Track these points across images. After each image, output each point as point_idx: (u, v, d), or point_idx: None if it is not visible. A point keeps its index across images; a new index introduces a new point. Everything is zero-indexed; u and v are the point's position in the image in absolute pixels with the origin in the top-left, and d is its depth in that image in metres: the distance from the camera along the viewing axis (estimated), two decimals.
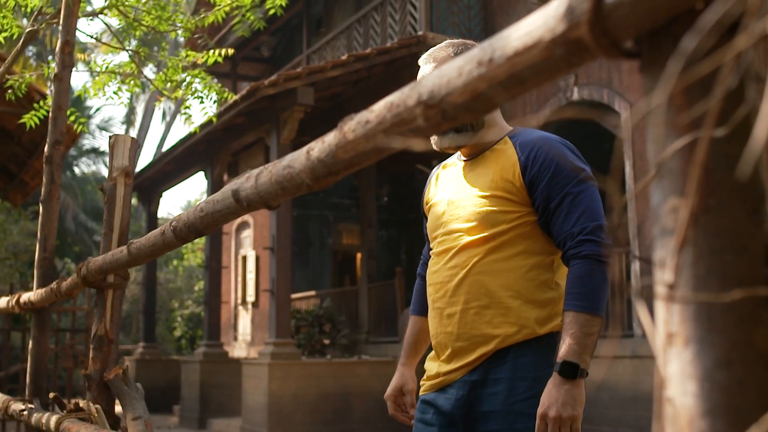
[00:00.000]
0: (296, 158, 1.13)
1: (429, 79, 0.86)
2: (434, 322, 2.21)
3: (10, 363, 10.77)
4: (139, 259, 1.96)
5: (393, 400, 2.34)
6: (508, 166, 2.12)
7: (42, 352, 3.49)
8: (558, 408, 1.85)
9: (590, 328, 1.91)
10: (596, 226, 2.01)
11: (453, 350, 2.14)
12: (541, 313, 2.07)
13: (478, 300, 2.09)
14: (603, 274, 1.98)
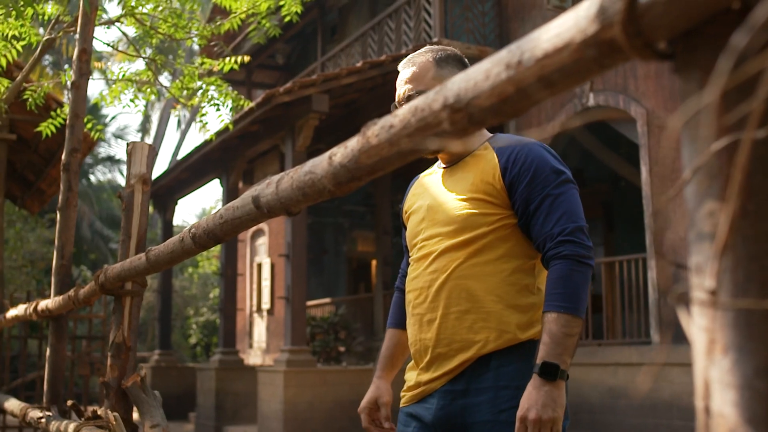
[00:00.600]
0: (318, 164, 1.12)
1: (455, 82, 0.84)
2: (413, 329, 2.17)
3: (27, 370, 10.80)
4: (157, 266, 1.95)
5: (367, 413, 2.29)
6: (488, 169, 2.09)
7: (59, 360, 3.50)
8: (538, 410, 1.81)
9: (570, 329, 1.87)
10: (576, 228, 1.98)
11: (432, 357, 2.10)
12: (522, 318, 2.03)
13: (459, 305, 2.06)
14: (584, 275, 1.95)
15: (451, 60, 2.20)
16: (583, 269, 1.95)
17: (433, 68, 2.16)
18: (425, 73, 2.16)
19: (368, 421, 2.28)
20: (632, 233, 10.93)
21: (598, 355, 8.99)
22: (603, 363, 8.89)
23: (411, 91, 2.15)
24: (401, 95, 2.18)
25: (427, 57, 2.18)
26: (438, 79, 2.14)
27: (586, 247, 1.97)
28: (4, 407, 4.77)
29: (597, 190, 12.20)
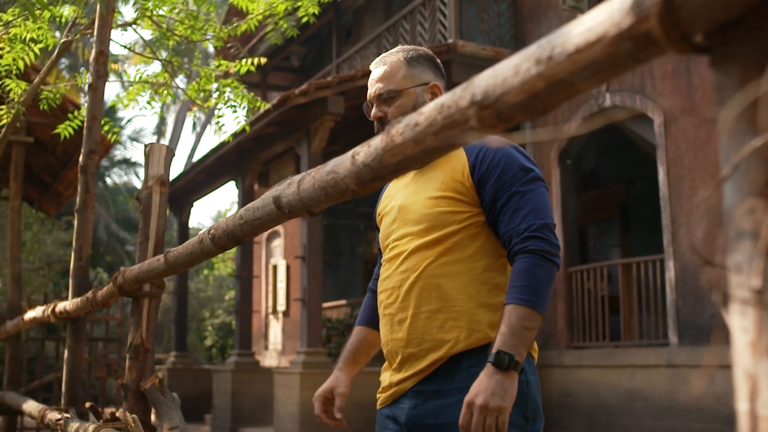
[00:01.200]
0: (340, 163, 1.11)
1: (482, 78, 0.83)
2: (385, 329, 2.17)
3: (44, 372, 10.85)
4: (176, 268, 1.95)
5: (321, 402, 2.27)
6: (457, 168, 2.09)
7: (77, 362, 3.50)
8: (486, 396, 1.77)
9: (530, 323, 1.85)
10: (543, 224, 1.97)
11: (403, 357, 2.10)
12: (494, 317, 2.01)
13: (430, 304, 2.05)
14: (548, 271, 1.92)
15: (422, 59, 2.21)
16: (548, 265, 1.93)
17: (404, 67, 2.18)
18: (396, 72, 2.17)
19: (321, 409, 2.26)
20: (649, 234, 10.86)
21: (615, 357, 8.94)
22: (620, 365, 8.84)
23: (381, 90, 2.16)
24: (371, 94, 2.19)
25: (398, 56, 2.20)
26: (408, 78, 2.16)
27: (552, 244, 1.95)
28: (23, 409, 4.78)
29: (613, 191, 12.14)
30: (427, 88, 2.18)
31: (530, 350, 2.08)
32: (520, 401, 1.95)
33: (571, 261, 9.92)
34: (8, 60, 4.10)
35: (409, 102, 2.15)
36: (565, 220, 9.93)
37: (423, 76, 2.18)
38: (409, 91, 2.16)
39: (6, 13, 4.02)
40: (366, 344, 2.36)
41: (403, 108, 2.14)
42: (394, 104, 2.15)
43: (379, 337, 2.29)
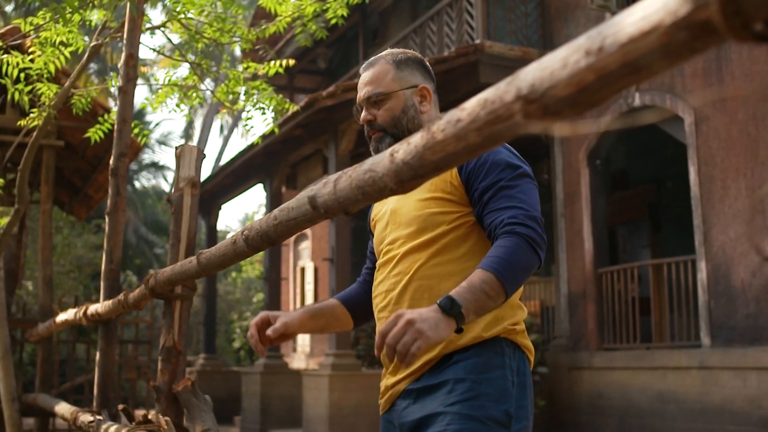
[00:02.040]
0: (378, 162, 1.08)
1: (528, 72, 0.80)
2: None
3: (75, 374, 10.92)
4: (208, 270, 1.94)
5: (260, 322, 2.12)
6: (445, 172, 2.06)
7: (109, 364, 3.51)
8: (417, 317, 1.68)
9: (491, 290, 1.76)
10: (530, 216, 1.92)
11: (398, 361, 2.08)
12: (488, 317, 1.99)
13: (422, 306, 1.99)
14: (529, 258, 1.85)
15: (411, 62, 2.21)
16: (530, 253, 1.86)
17: (393, 70, 2.17)
18: (384, 75, 2.16)
19: (254, 329, 2.12)
20: (679, 235, 10.75)
21: (646, 359, 8.85)
22: (651, 367, 8.75)
23: (370, 92, 2.16)
24: (361, 98, 2.19)
25: (387, 59, 2.20)
26: (397, 81, 2.16)
27: (539, 235, 1.90)
28: (55, 410, 4.81)
29: (642, 192, 12.03)
30: (416, 90, 2.17)
31: (526, 351, 2.08)
32: (502, 397, 1.94)
33: (601, 262, 9.84)
34: (39, 64, 4.12)
35: (398, 105, 2.14)
36: (595, 220, 9.85)
37: (412, 78, 2.18)
38: (398, 94, 2.15)
39: (37, 17, 4.05)
40: (330, 312, 2.29)
41: (392, 111, 2.14)
42: (383, 107, 2.15)
43: (345, 318, 2.30)
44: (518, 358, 2.04)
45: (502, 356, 2.00)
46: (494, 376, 1.97)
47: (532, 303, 12.13)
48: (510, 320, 2.04)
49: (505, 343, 2.02)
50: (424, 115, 2.17)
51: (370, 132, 2.18)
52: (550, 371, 9.90)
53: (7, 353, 5.62)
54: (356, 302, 2.34)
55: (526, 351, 2.09)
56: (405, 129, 2.13)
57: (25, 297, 13.56)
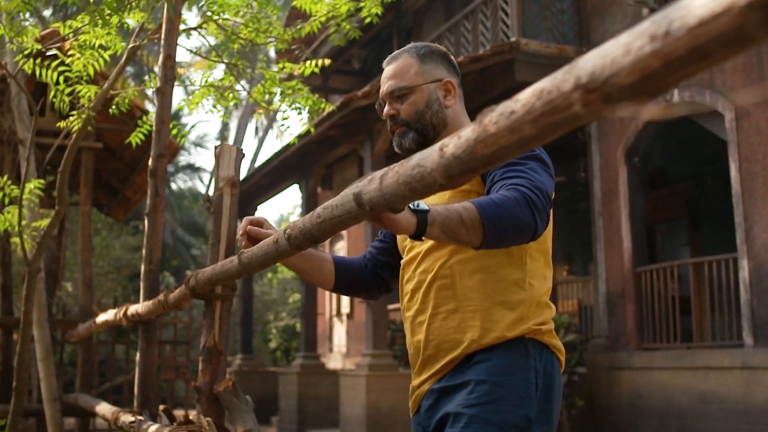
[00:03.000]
0: (427, 156, 1.06)
1: (588, 59, 0.77)
2: (408, 334, 2.14)
3: (114, 375, 11.02)
4: (250, 269, 1.92)
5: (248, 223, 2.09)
6: None
7: (149, 364, 3.52)
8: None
9: (468, 220, 1.65)
10: (536, 186, 1.80)
11: (423, 360, 2.06)
12: (512, 316, 1.96)
13: (447, 304, 2.01)
14: (523, 212, 1.72)
15: (435, 56, 2.15)
16: (525, 210, 1.73)
17: (416, 64, 2.12)
18: (408, 69, 2.12)
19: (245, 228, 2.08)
20: (720, 233, 10.60)
21: (687, 359, 8.72)
22: (692, 367, 8.63)
23: (393, 86, 2.11)
24: (384, 92, 2.14)
25: (410, 53, 2.15)
26: (421, 74, 2.11)
27: (541, 202, 1.77)
28: (96, 411, 4.84)
29: (681, 189, 11.88)
30: (441, 84, 2.12)
31: (555, 351, 2.02)
32: (522, 401, 1.90)
33: (640, 261, 9.73)
34: (78, 66, 4.15)
35: (422, 99, 2.09)
36: (633, 219, 9.74)
37: (436, 72, 2.13)
38: (422, 88, 2.10)
39: (76, 20, 4.07)
40: (319, 262, 2.23)
41: (416, 105, 2.09)
42: (406, 101, 2.10)
43: (328, 275, 2.24)
44: (545, 359, 1.99)
45: (526, 357, 1.95)
46: (516, 379, 1.92)
47: (570, 302, 12.03)
48: (536, 320, 1.99)
49: (530, 344, 1.97)
50: (449, 109, 2.12)
51: (393, 127, 2.14)
52: (589, 371, 9.80)
53: (48, 354, 5.67)
54: (346, 267, 2.29)
55: (555, 351, 2.03)
56: (429, 123, 2.09)
57: (65, 298, 13.71)
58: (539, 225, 1.77)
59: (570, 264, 13.68)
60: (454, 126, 2.11)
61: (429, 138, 2.09)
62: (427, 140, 2.09)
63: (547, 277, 2.08)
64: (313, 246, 1.59)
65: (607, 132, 10.14)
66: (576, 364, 9.53)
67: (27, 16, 3.81)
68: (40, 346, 5.69)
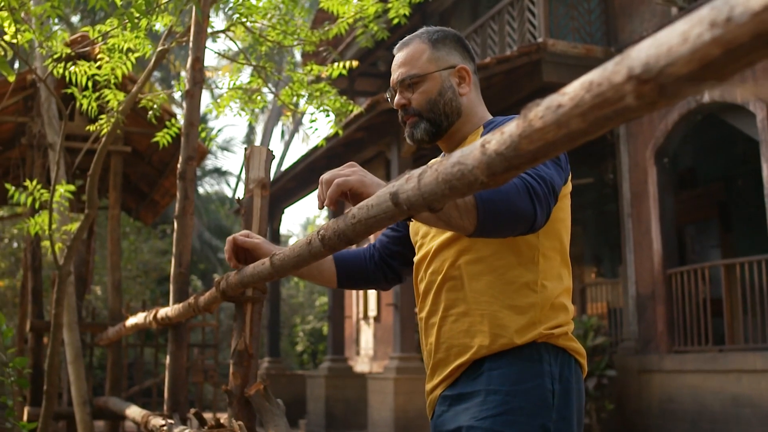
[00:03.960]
0: (468, 154, 1.03)
1: (641, 49, 0.74)
2: (421, 335, 2.05)
3: (143, 378, 11.07)
4: (282, 272, 1.89)
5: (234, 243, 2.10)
6: None
7: (179, 367, 3.51)
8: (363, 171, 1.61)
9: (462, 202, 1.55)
10: (540, 175, 1.68)
11: (434, 363, 1.97)
12: (521, 321, 1.85)
13: (457, 306, 1.92)
14: (522, 200, 1.61)
15: (448, 41, 2.03)
16: (524, 197, 1.62)
17: (428, 50, 2.00)
18: (420, 56, 2.00)
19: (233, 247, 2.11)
20: (751, 234, 10.46)
21: (719, 362, 8.61)
22: (725, 370, 8.51)
23: (404, 75, 2.00)
24: (394, 80, 2.03)
25: (422, 38, 2.03)
26: (433, 61, 1.99)
27: (543, 192, 1.66)
28: (126, 414, 4.85)
29: (711, 190, 11.74)
30: (454, 71, 2.00)
31: (574, 354, 1.91)
32: (538, 410, 1.80)
33: (670, 262, 9.62)
34: (107, 70, 4.16)
35: (435, 87, 1.97)
36: (663, 220, 9.63)
37: (449, 58, 2.00)
38: (434, 76, 1.98)
39: (104, 24, 4.08)
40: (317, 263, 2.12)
41: (428, 94, 1.97)
42: (417, 90, 1.98)
43: (329, 272, 2.19)
44: (561, 363, 1.87)
45: (540, 363, 1.84)
46: (530, 387, 1.81)
47: (598, 305, 11.92)
48: (548, 324, 1.87)
49: (543, 349, 1.85)
50: (463, 97, 2.00)
51: (405, 117, 2.02)
52: (619, 374, 9.70)
53: (78, 357, 5.69)
54: (346, 262, 2.20)
55: (573, 354, 1.91)
56: (442, 113, 1.98)
57: (94, 302, 13.80)
58: (539, 214, 1.65)
59: (598, 266, 13.56)
60: (469, 115, 2.01)
61: (442, 128, 1.99)
62: (440, 130, 2.00)
63: (564, 277, 1.96)
64: (348, 245, 1.55)
65: (636, 133, 10.05)
66: (606, 367, 9.44)
67: (56, 21, 3.82)
68: (70, 350, 5.71)
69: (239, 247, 2.14)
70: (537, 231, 1.71)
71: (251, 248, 2.13)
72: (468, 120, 2.01)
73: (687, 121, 9.50)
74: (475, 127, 2.01)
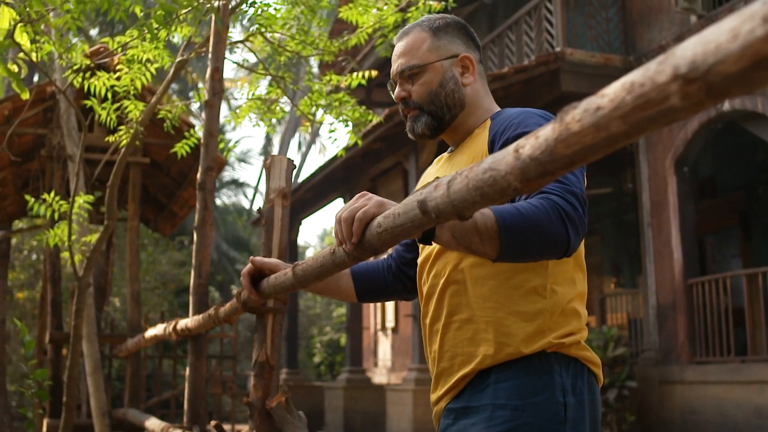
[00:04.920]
0: (500, 159, 1.00)
1: (687, 47, 0.71)
2: (425, 342, 1.93)
3: (161, 389, 11.07)
4: (305, 282, 1.86)
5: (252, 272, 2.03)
6: (478, 150, 1.80)
7: (199, 379, 3.49)
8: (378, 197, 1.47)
9: (483, 227, 1.45)
10: (569, 190, 1.56)
11: (437, 372, 1.85)
12: (528, 328, 1.71)
13: (461, 313, 1.79)
14: (553, 224, 1.49)
15: (450, 29, 1.92)
16: (556, 222, 1.50)
17: (429, 39, 1.89)
18: (420, 45, 1.89)
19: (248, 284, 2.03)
20: None
21: (742, 373, 8.51)
22: (748, 381, 8.41)
23: (403, 66, 1.90)
24: (394, 72, 1.93)
25: (423, 27, 1.92)
26: (434, 50, 1.88)
27: (576, 212, 1.54)
28: (145, 425, 4.83)
29: (732, 199, 11.64)
30: (456, 60, 1.89)
31: (587, 364, 1.77)
32: (549, 424, 1.68)
33: (691, 272, 9.53)
34: (126, 81, 4.16)
35: (436, 78, 1.87)
36: (684, 229, 9.55)
37: (451, 47, 1.90)
38: (435, 66, 1.87)
39: (124, 35, 4.08)
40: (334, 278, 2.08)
41: (429, 85, 1.87)
42: (418, 81, 1.88)
43: (347, 287, 2.09)
44: (573, 373, 1.73)
45: (550, 374, 1.70)
46: (539, 400, 1.68)
47: (618, 315, 11.83)
48: (558, 332, 1.73)
49: (554, 359, 1.72)
50: (467, 88, 1.89)
51: (405, 110, 1.92)
52: (639, 385, 9.61)
53: (97, 368, 5.69)
54: (363, 275, 2.11)
55: (587, 363, 1.76)
56: (443, 105, 1.88)
57: (112, 313, 13.84)
58: (572, 239, 1.53)
59: (618, 276, 13.47)
60: (473, 107, 1.91)
61: (444, 121, 1.90)
62: (443, 124, 1.90)
63: (577, 281, 1.81)
64: (374, 255, 1.51)
65: (655, 142, 9.98)
66: (626, 378, 9.35)
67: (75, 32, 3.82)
68: (89, 361, 5.71)
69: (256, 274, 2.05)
70: (571, 255, 1.60)
71: (269, 268, 2.04)
72: (473, 112, 1.92)
73: (707, 130, 9.43)
74: (481, 119, 1.91)
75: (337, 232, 1.51)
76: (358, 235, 1.45)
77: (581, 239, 1.58)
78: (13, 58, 3.77)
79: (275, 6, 4.39)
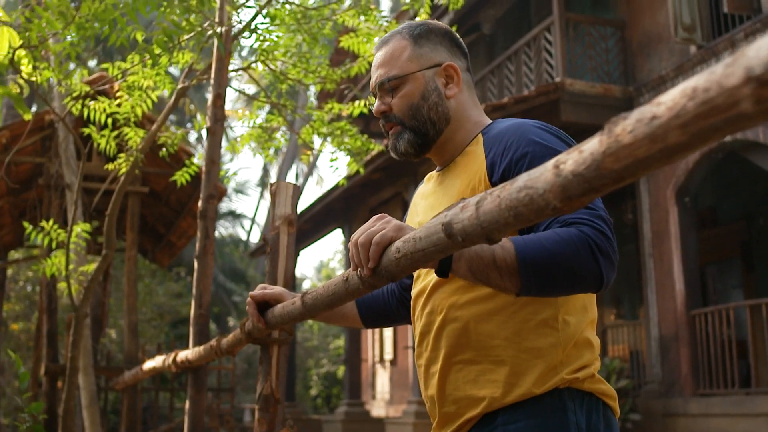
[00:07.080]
0: (538, 176, 0.93)
1: (760, 47, 0.64)
2: (421, 384, 1.77)
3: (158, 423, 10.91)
4: (314, 312, 1.78)
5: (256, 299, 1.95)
6: (474, 172, 1.64)
7: (199, 412, 3.39)
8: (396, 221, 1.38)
9: (501, 261, 1.36)
10: (597, 215, 1.44)
11: (441, 417, 1.70)
12: (540, 366, 1.56)
13: (461, 353, 1.63)
14: (581, 257, 1.37)
15: (432, 36, 1.77)
16: (585, 255, 1.38)
17: (409, 47, 1.74)
18: (399, 54, 1.74)
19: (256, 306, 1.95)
20: None
21: (746, 405, 8.40)
22: (752, 414, 8.30)
23: (383, 77, 1.74)
24: (373, 84, 1.77)
25: (403, 34, 1.77)
26: (415, 59, 1.73)
27: (607, 241, 1.41)
28: None
29: (733, 229, 11.58)
30: (440, 70, 1.73)
31: (603, 398, 1.61)
32: None
33: (694, 303, 9.44)
34: (126, 108, 4.10)
35: (417, 89, 1.71)
36: (686, 260, 9.48)
37: (434, 56, 1.74)
38: (416, 76, 1.71)
39: (125, 61, 4.03)
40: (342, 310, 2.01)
41: (410, 98, 1.71)
42: (398, 94, 1.72)
43: (351, 314, 2.01)
44: (588, 409, 1.58)
45: (564, 413, 1.55)
46: None
47: (619, 347, 11.72)
48: (572, 366, 1.59)
49: (567, 395, 1.57)
50: (451, 100, 1.73)
51: (386, 126, 1.76)
52: (643, 418, 9.48)
53: (93, 401, 5.58)
54: (366, 302, 2.01)
55: (603, 397, 1.61)
56: (426, 119, 1.71)
57: (109, 345, 13.70)
58: (605, 274, 1.40)
59: (618, 307, 13.37)
60: (460, 120, 1.74)
61: (429, 137, 1.73)
62: (427, 140, 1.74)
63: (589, 307, 1.66)
64: (391, 282, 1.42)
65: (656, 172, 9.91)
66: (629, 411, 9.23)
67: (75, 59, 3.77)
68: (85, 394, 5.60)
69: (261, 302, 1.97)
70: (607, 289, 1.48)
71: (273, 298, 1.96)
72: (460, 126, 1.75)
73: (708, 160, 9.39)
74: (471, 134, 1.75)
75: (352, 255, 1.41)
76: (375, 260, 1.36)
77: (615, 270, 1.44)
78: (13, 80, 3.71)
79: (277, 33, 4.35)
